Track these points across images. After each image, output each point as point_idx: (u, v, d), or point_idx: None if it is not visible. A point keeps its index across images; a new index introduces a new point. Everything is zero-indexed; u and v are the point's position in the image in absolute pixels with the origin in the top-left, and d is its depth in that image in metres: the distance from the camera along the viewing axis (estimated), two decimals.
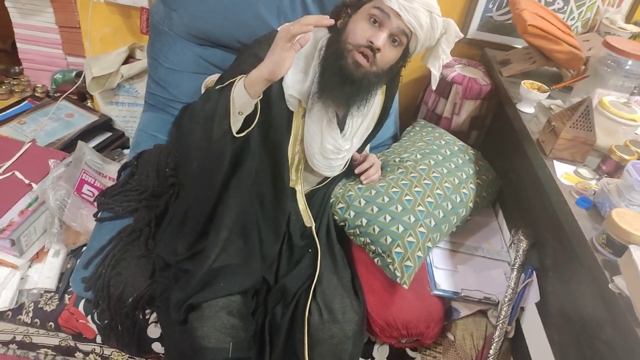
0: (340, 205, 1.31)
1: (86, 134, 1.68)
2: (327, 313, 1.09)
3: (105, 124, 1.77)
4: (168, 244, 1.16)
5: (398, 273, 1.16)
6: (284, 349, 1.07)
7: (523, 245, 1.28)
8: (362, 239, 1.26)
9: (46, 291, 1.27)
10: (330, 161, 1.26)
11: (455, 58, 1.75)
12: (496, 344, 1.20)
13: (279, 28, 1.04)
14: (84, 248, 1.29)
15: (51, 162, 1.40)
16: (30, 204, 1.31)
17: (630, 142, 1.18)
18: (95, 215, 1.32)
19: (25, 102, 1.79)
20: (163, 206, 1.29)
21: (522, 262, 1.27)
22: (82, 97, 1.89)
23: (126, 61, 1.76)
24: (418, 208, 1.26)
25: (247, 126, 1.05)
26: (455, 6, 1.72)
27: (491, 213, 1.57)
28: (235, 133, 1.02)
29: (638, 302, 0.82)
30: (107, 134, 1.76)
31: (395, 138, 1.67)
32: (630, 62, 1.31)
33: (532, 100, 1.39)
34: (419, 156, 1.41)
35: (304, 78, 1.16)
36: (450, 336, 1.26)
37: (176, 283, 1.08)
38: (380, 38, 1.06)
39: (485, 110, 1.68)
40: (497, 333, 1.21)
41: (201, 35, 1.44)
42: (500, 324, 1.21)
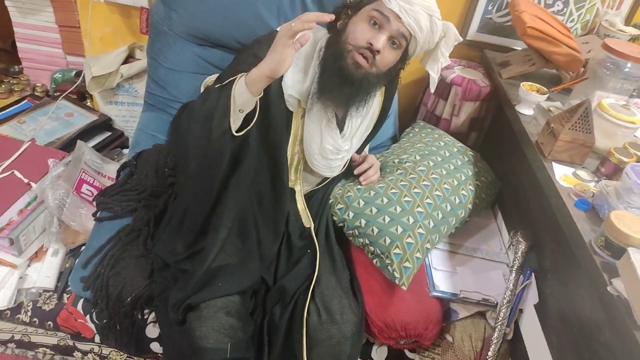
0: (339, 206, 1.31)
1: (85, 134, 1.68)
2: (326, 314, 1.08)
3: (104, 124, 1.77)
4: (167, 244, 1.16)
5: (397, 274, 1.16)
6: (283, 350, 1.07)
7: (522, 247, 1.28)
8: (361, 240, 1.26)
9: (45, 290, 1.27)
10: (329, 161, 1.26)
11: (454, 59, 1.75)
12: (495, 346, 1.20)
13: (279, 28, 1.04)
14: (83, 247, 1.29)
15: (50, 162, 1.39)
16: (29, 203, 1.31)
17: (629, 145, 1.18)
18: (94, 214, 1.32)
19: (24, 101, 1.78)
20: (162, 206, 1.29)
21: (521, 264, 1.27)
22: (82, 97, 1.89)
23: (126, 61, 1.76)
24: (417, 209, 1.26)
25: (246, 125, 1.05)
26: (455, 8, 1.72)
27: (490, 215, 1.57)
28: (234, 132, 1.02)
29: (636, 305, 0.82)
30: (107, 134, 1.76)
31: (394, 139, 1.67)
32: (629, 65, 1.31)
33: (532, 102, 1.39)
34: (418, 157, 1.41)
35: (304, 78, 1.16)
36: (448, 337, 1.26)
37: (175, 283, 1.08)
38: (380, 40, 1.06)
39: (484, 111, 1.68)
40: (496, 335, 1.21)
41: (201, 35, 1.44)
42: (498, 326, 1.21)
